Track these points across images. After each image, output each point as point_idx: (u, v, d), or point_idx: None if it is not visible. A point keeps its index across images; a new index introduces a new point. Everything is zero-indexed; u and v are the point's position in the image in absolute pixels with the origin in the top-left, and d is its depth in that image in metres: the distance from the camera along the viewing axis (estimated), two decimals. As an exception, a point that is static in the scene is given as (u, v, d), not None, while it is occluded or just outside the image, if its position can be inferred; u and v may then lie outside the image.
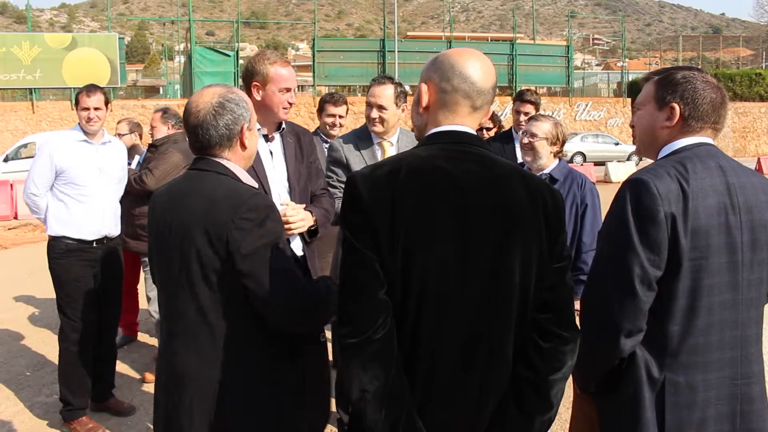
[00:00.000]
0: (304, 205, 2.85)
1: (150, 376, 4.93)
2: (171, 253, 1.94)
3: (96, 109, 4.15)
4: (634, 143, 2.14)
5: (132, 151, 5.65)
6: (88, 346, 4.23)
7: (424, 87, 1.67)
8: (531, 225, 1.57)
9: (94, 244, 4.18)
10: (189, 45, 29.15)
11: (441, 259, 1.50)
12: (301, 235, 2.85)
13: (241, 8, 34.16)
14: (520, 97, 5.04)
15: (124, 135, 5.57)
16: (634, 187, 1.82)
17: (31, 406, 4.51)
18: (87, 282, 4.18)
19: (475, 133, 1.66)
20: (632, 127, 2.13)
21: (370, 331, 1.47)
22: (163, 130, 5.29)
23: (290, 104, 2.86)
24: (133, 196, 5.22)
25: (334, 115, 4.72)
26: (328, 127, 4.74)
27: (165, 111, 5.41)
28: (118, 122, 5.75)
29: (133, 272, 5.63)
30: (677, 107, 1.91)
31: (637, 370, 1.87)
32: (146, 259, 4.72)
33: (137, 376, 5.02)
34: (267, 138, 2.95)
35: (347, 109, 4.84)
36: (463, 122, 1.65)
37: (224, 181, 1.96)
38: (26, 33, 28.10)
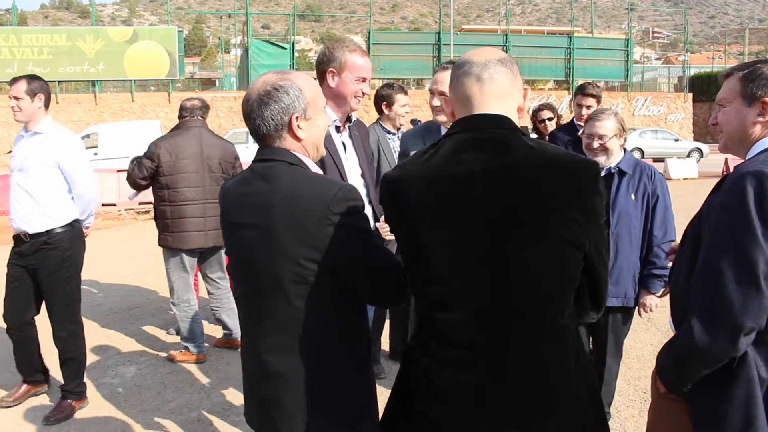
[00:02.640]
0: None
1: (174, 354, 5.09)
2: (251, 253, 1.85)
3: (16, 98, 3.96)
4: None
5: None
6: (13, 336, 4.27)
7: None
8: (552, 209, 1.54)
9: (22, 237, 4.14)
10: (245, 38, 29.62)
11: (450, 252, 1.57)
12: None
13: (296, 1, 34.49)
14: (581, 91, 5.01)
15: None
16: (755, 179, 1.73)
17: (98, 386, 4.66)
18: (14, 274, 4.21)
19: (494, 113, 1.62)
20: (713, 124, 2.05)
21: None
22: None
23: (363, 94, 2.88)
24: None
25: (405, 104, 4.77)
26: (400, 117, 4.78)
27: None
28: (182, 111, 5.84)
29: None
30: None
31: (749, 369, 1.80)
32: (179, 248, 4.84)
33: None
34: (338, 129, 2.93)
35: None
36: (475, 101, 1.65)
37: (300, 173, 1.84)
38: (90, 27, 29.08)
